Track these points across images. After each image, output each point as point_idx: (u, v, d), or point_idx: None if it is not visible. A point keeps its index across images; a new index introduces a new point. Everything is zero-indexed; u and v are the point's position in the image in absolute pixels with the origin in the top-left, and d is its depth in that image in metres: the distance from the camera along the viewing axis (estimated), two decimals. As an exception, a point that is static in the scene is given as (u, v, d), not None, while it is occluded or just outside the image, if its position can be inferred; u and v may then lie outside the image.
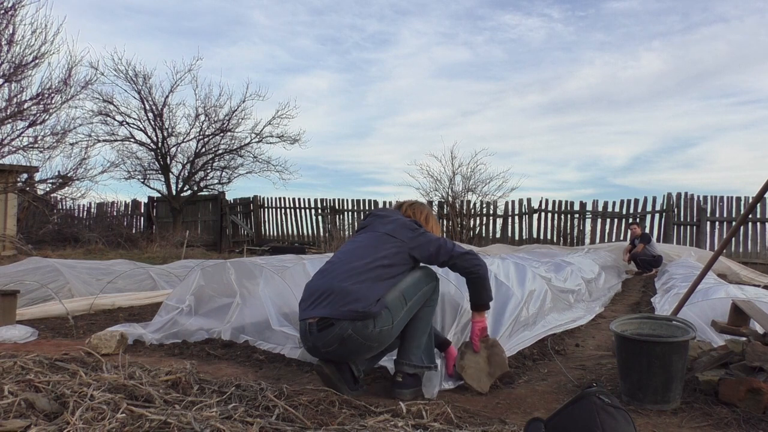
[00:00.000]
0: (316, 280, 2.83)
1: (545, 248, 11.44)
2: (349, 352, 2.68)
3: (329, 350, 2.67)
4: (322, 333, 2.64)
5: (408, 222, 2.92)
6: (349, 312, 2.59)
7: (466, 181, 15.76)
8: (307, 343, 2.75)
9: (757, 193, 3.51)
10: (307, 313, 2.74)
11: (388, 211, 3.04)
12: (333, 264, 2.85)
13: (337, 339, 2.62)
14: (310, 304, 2.74)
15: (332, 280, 2.72)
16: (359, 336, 2.61)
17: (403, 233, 2.83)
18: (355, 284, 2.66)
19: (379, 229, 2.88)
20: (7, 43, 10.01)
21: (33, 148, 11.05)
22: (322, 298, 2.69)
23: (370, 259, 2.74)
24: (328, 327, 2.62)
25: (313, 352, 2.78)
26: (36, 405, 2.10)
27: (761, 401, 2.50)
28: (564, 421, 1.82)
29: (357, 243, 2.90)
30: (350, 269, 2.72)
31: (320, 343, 2.66)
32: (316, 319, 2.66)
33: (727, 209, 12.81)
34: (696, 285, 3.71)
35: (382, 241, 2.80)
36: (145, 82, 16.43)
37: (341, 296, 2.64)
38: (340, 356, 2.72)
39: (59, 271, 5.78)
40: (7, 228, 12.69)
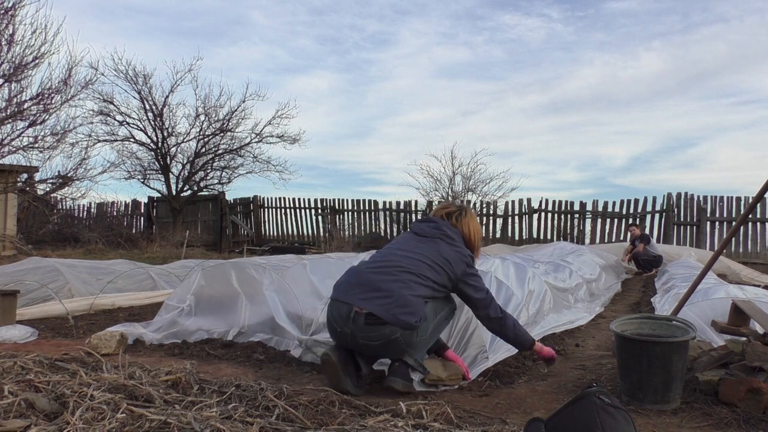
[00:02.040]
0: (372, 272, 2.89)
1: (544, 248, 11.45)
2: (385, 351, 2.79)
3: (368, 343, 2.74)
4: (368, 327, 2.71)
5: (467, 256, 3.01)
6: (403, 322, 2.70)
7: (466, 181, 15.79)
8: (344, 328, 2.77)
9: (757, 193, 3.51)
10: (355, 300, 2.78)
11: (453, 231, 3.08)
12: (391, 261, 2.91)
13: (382, 338, 2.71)
14: (362, 293, 2.79)
15: (391, 283, 2.80)
16: (404, 341, 2.73)
17: (459, 267, 2.94)
18: (413, 296, 2.77)
19: (444, 250, 2.95)
20: (7, 43, 10.00)
21: (33, 148, 11.05)
22: (379, 296, 2.76)
23: (429, 278, 2.85)
24: (377, 324, 2.70)
25: (343, 337, 2.79)
26: (36, 405, 2.10)
27: (761, 401, 2.50)
28: (564, 421, 1.82)
29: (419, 253, 2.93)
30: (409, 279, 2.82)
31: (361, 335, 2.73)
32: (366, 312, 2.72)
33: (727, 209, 12.81)
34: (696, 285, 3.71)
35: (440, 264, 2.90)
36: (145, 82, 16.44)
37: (399, 303, 2.73)
38: (372, 350, 2.80)
39: (59, 271, 5.78)
40: (7, 228, 12.69)
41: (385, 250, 3.07)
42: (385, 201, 16.51)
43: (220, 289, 4.21)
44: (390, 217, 16.42)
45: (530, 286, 4.63)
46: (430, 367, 2.89)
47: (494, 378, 3.10)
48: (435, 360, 3.01)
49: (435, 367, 2.92)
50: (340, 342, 2.85)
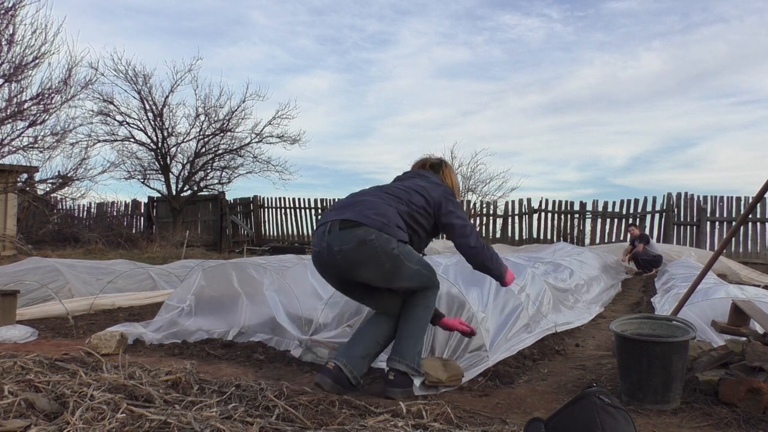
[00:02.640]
0: (345, 199, 2.90)
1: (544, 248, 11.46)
2: (360, 259, 2.66)
3: (343, 249, 2.65)
4: (343, 232, 2.67)
5: (445, 186, 3.01)
6: (377, 222, 2.66)
7: (466, 181, 15.79)
8: (321, 244, 2.73)
9: (757, 193, 3.51)
10: (329, 217, 2.77)
11: (423, 171, 3.10)
12: (366, 192, 2.93)
13: (356, 239, 2.63)
14: (336, 212, 2.79)
15: (363, 196, 2.84)
16: (379, 245, 2.63)
17: (436, 191, 2.93)
18: (387, 205, 2.76)
19: (419, 182, 2.97)
20: (8, 43, 10.00)
21: (33, 148, 11.05)
22: (353, 207, 2.75)
23: (405, 198, 2.85)
24: (351, 227, 2.66)
25: (323, 256, 2.73)
26: (36, 405, 2.10)
27: (761, 401, 2.50)
28: (564, 421, 1.82)
29: (393, 186, 2.98)
30: (385, 195, 2.84)
31: (336, 242, 2.67)
32: (340, 220, 2.70)
33: (727, 209, 12.80)
34: (696, 285, 3.71)
35: (416, 190, 2.90)
36: (145, 82, 16.44)
37: (373, 207, 2.71)
38: (349, 262, 2.68)
39: (59, 271, 5.78)
40: (7, 228, 12.69)
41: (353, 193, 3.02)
42: (385, 201, 16.50)
43: (221, 289, 4.21)
44: (390, 217, 16.41)
45: (530, 286, 4.63)
46: (429, 368, 2.88)
47: (494, 378, 3.10)
48: (434, 360, 3.01)
49: (434, 368, 2.91)
50: (322, 268, 2.81)
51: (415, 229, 2.86)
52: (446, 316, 3.15)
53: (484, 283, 4.09)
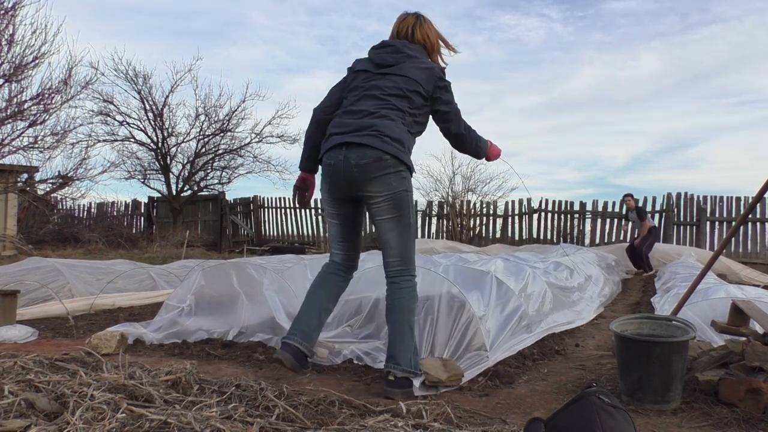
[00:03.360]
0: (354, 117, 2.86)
1: (545, 248, 11.46)
2: (375, 173, 2.76)
3: (360, 164, 2.75)
4: (361, 148, 2.75)
5: (436, 70, 2.96)
6: (393, 148, 2.76)
7: (466, 181, 15.78)
8: (338, 157, 2.79)
9: (757, 193, 3.51)
10: (344, 138, 2.79)
11: (414, 49, 3.00)
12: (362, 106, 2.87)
13: (374, 156, 2.74)
14: (350, 135, 2.79)
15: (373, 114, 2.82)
16: (394, 170, 2.76)
17: (430, 84, 2.91)
18: (397, 126, 2.81)
19: (411, 72, 2.90)
20: (8, 44, 10.01)
21: (33, 148, 11.06)
22: (366, 130, 2.78)
23: (405, 109, 2.87)
24: (367, 147, 2.75)
25: (339, 167, 2.79)
26: (36, 405, 2.10)
27: (761, 401, 2.50)
28: (564, 421, 1.82)
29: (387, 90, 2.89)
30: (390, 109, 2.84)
31: (354, 156, 2.75)
32: (358, 143, 2.76)
33: (727, 209, 12.81)
34: (696, 285, 3.71)
35: (412, 89, 2.88)
36: (145, 82, 16.45)
37: (387, 131, 2.76)
38: (365, 174, 2.76)
39: (59, 271, 5.78)
40: (7, 228, 12.69)
41: (352, 96, 2.95)
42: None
43: (220, 289, 4.21)
44: (390, 217, 16.40)
45: (530, 286, 4.63)
46: (429, 368, 2.88)
47: (494, 378, 3.10)
48: (434, 360, 3.00)
49: (434, 368, 2.91)
50: (338, 180, 2.84)
51: (414, 129, 2.95)
52: (447, 316, 3.16)
53: (485, 283, 4.09)
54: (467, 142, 3.06)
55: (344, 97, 3.00)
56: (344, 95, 3.01)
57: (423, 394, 2.80)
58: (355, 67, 3.04)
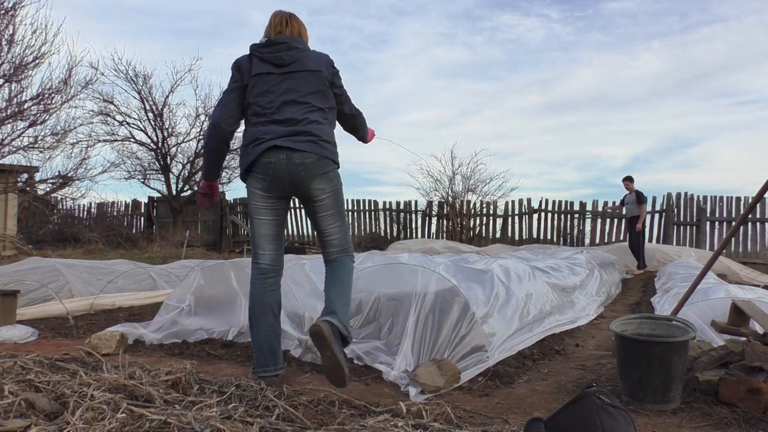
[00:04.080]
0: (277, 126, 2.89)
1: (545, 248, 11.46)
2: (318, 172, 2.88)
3: (305, 163, 2.85)
4: (300, 153, 2.85)
5: (327, 57, 3.10)
6: (328, 151, 2.92)
7: (466, 181, 15.77)
8: (279, 156, 2.84)
9: (757, 193, 3.52)
10: (282, 142, 2.85)
11: (300, 41, 3.07)
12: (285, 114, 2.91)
13: (315, 156, 2.86)
14: (286, 138, 2.86)
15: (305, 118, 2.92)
16: (331, 168, 2.94)
17: (329, 70, 3.06)
18: (319, 126, 2.94)
19: (312, 64, 3.00)
20: (8, 44, 10.01)
21: (33, 148, 11.06)
22: (300, 135, 2.87)
23: (324, 107, 3.00)
24: (306, 152, 2.87)
25: (281, 165, 2.85)
26: (36, 405, 2.10)
27: (761, 401, 2.50)
28: (564, 421, 1.82)
29: (299, 90, 2.94)
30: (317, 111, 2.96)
31: (296, 155, 2.84)
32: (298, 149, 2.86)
33: (727, 209, 12.81)
34: (696, 285, 3.71)
35: (320, 80, 2.99)
36: (145, 82, 16.44)
37: (320, 134, 2.91)
38: (309, 173, 2.87)
39: (59, 271, 5.78)
40: (7, 228, 12.69)
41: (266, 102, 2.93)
42: (385, 201, 16.52)
43: (220, 288, 4.21)
44: (390, 217, 16.42)
45: (531, 286, 4.63)
46: (425, 378, 2.87)
47: (494, 378, 3.10)
48: (429, 366, 2.96)
49: (431, 375, 2.88)
50: (279, 178, 2.88)
51: (334, 113, 3.11)
52: (447, 316, 3.17)
53: (485, 283, 4.09)
54: (358, 121, 3.27)
55: (252, 103, 2.94)
56: (250, 101, 2.94)
57: (422, 400, 2.80)
58: (253, 70, 2.95)
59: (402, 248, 12.97)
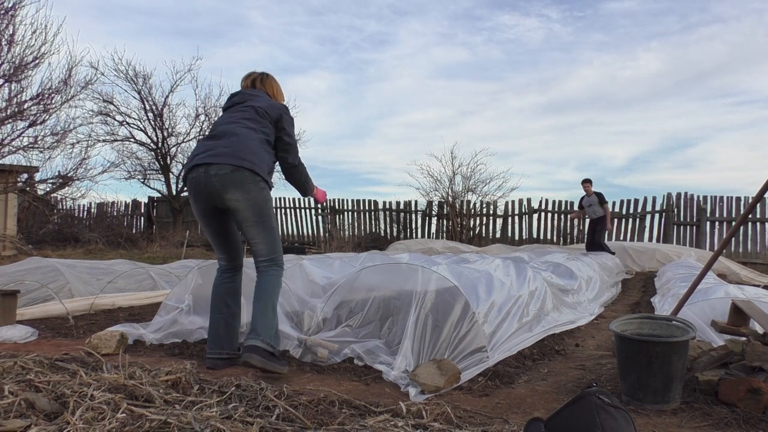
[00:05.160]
0: (215, 132, 3.25)
1: (545, 248, 11.47)
2: (233, 182, 3.08)
3: (219, 174, 3.07)
4: (219, 165, 3.08)
5: (280, 104, 3.43)
6: (248, 162, 3.10)
7: (466, 181, 15.78)
8: (199, 170, 3.13)
9: (757, 193, 3.52)
10: (205, 158, 3.12)
11: (257, 91, 3.49)
12: (218, 131, 3.25)
13: (231, 168, 3.07)
14: (210, 151, 3.14)
15: (232, 129, 3.21)
16: (249, 176, 3.11)
17: (274, 111, 3.34)
18: (252, 140, 3.18)
19: (256, 104, 3.34)
20: (8, 44, 10.01)
21: (33, 148, 11.05)
22: (223, 145, 3.14)
23: (256, 126, 3.25)
24: (224, 165, 3.09)
25: (200, 178, 3.13)
26: (36, 405, 2.10)
27: (761, 401, 2.50)
28: (564, 421, 1.81)
29: (238, 117, 3.30)
30: (247, 127, 3.23)
31: (213, 168, 3.08)
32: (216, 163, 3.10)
33: (727, 209, 12.81)
34: (696, 285, 3.71)
35: (259, 114, 3.30)
36: (145, 82, 16.45)
37: (243, 146, 3.14)
38: (223, 184, 3.09)
39: (59, 271, 5.78)
40: (7, 228, 12.69)
41: (213, 131, 3.31)
42: (385, 201, 16.53)
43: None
44: (390, 217, 16.42)
45: (531, 286, 4.63)
46: (425, 378, 2.87)
47: (494, 378, 3.10)
48: (428, 366, 2.96)
49: (430, 375, 2.88)
50: (200, 191, 3.16)
51: (268, 150, 3.30)
52: (448, 316, 3.20)
53: (485, 283, 4.09)
54: (299, 172, 3.51)
55: None
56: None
57: (422, 400, 2.80)
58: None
59: (402, 248, 12.97)
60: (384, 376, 3.07)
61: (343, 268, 4.79)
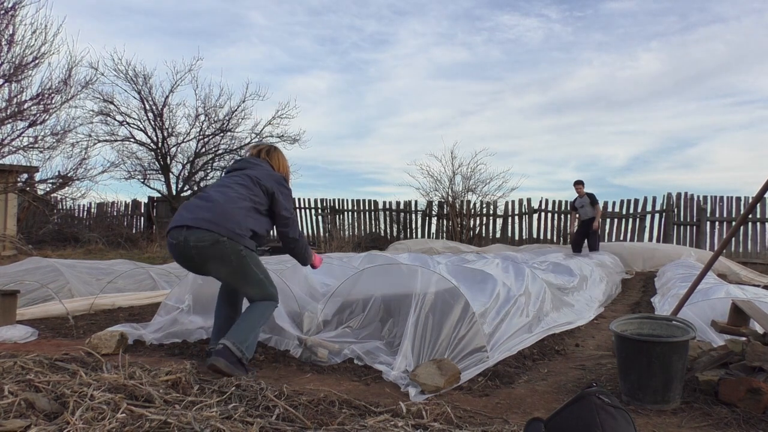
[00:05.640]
0: (198, 200, 3.25)
1: (545, 248, 11.47)
2: (212, 255, 3.09)
3: (198, 246, 3.07)
4: (199, 231, 3.07)
5: (277, 176, 3.40)
6: (229, 230, 3.07)
7: (466, 181, 15.76)
8: (179, 238, 3.12)
9: (757, 193, 3.52)
10: (185, 220, 3.13)
11: (260, 161, 3.48)
12: (211, 195, 3.24)
13: (211, 239, 3.05)
14: (191, 215, 3.14)
15: (215, 196, 3.19)
16: (229, 247, 3.08)
17: (269, 182, 3.31)
18: (236, 208, 3.15)
19: (252, 172, 3.33)
20: (8, 44, 10.00)
21: (33, 148, 11.04)
22: (205, 210, 3.13)
23: (246, 194, 3.23)
24: (205, 231, 3.07)
25: (180, 247, 3.14)
26: (36, 405, 2.10)
27: (761, 401, 2.50)
28: (564, 421, 1.81)
29: (233, 181, 3.29)
30: (232, 196, 3.19)
31: (192, 238, 3.07)
32: (196, 227, 3.08)
33: (727, 209, 12.81)
34: (696, 285, 3.71)
35: (253, 182, 3.29)
36: (145, 82, 16.42)
37: (224, 213, 3.10)
38: (202, 257, 3.11)
39: (59, 271, 5.78)
40: (7, 228, 12.69)
41: (203, 193, 3.34)
42: (385, 201, 16.52)
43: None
44: (390, 217, 16.42)
45: (530, 286, 4.63)
46: (425, 378, 2.87)
47: (494, 378, 3.10)
48: (428, 366, 2.96)
49: (430, 375, 2.88)
50: (180, 255, 3.18)
51: (258, 219, 3.27)
52: (448, 316, 3.20)
53: (485, 283, 4.09)
54: (300, 246, 3.51)
55: None
56: None
57: (422, 400, 2.80)
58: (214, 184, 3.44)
59: (402, 248, 12.96)
60: (384, 376, 3.07)
61: (343, 269, 4.79)
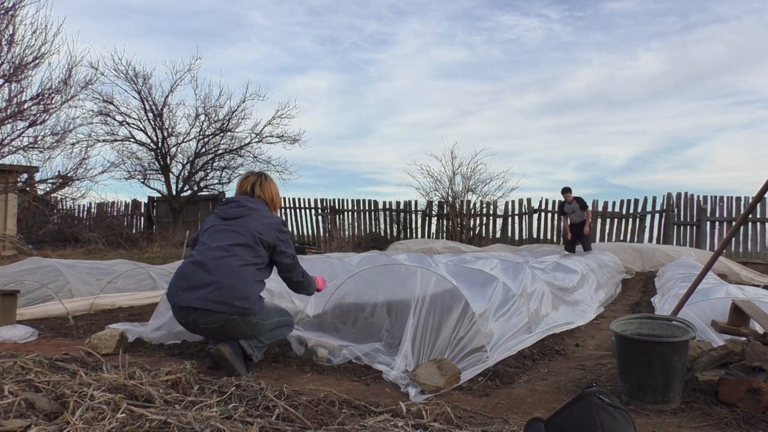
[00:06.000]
0: (196, 269, 3.09)
1: (545, 248, 11.47)
2: (225, 332, 3.06)
3: (209, 327, 3.04)
4: (206, 312, 3.00)
5: (276, 223, 3.27)
6: (238, 308, 3.01)
7: (466, 181, 15.75)
8: (188, 318, 3.06)
9: (757, 193, 3.52)
10: (189, 300, 3.01)
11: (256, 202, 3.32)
12: (209, 257, 3.10)
13: (221, 320, 3.01)
14: (194, 292, 3.03)
15: (217, 266, 3.05)
16: (243, 323, 3.05)
17: (271, 236, 3.21)
18: (240, 277, 3.05)
19: (253, 225, 3.18)
20: (8, 44, 9.99)
21: (33, 148, 11.03)
22: (209, 288, 3.01)
23: (248, 256, 3.12)
24: (214, 313, 3.00)
25: (191, 326, 3.11)
26: (36, 405, 2.10)
27: (761, 401, 2.50)
28: (564, 421, 1.81)
29: (232, 238, 3.15)
30: (233, 261, 3.07)
31: (202, 320, 3.02)
32: (204, 308, 3.00)
33: (727, 209, 12.81)
34: (696, 285, 3.71)
35: (255, 240, 3.16)
36: (145, 82, 16.42)
37: (230, 287, 3.01)
38: (216, 334, 3.07)
39: (59, 271, 5.77)
40: (7, 228, 12.69)
41: (201, 247, 3.20)
42: (385, 201, 16.52)
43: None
44: (390, 217, 16.42)
45: (530, 286, 4.63)
46: (425, 378, 2.87)
47: (494, 378, 3.10)
48: (428, 366, 2.97)
49: (430, 375, 2.88)
50: (190, 329, 3.15)
51: (263, 275, 3.24)
52: (447, 316, 3.20)
53: (485, 283, 4.09)
54: (305, 285, 3.45)
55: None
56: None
57: (422, 400, 2.80)
58: (206, 224, 3.32)
59: (402, 248, 12.96)
60: (384, 376, 3.07)
61: (343, 269, 4.79)
